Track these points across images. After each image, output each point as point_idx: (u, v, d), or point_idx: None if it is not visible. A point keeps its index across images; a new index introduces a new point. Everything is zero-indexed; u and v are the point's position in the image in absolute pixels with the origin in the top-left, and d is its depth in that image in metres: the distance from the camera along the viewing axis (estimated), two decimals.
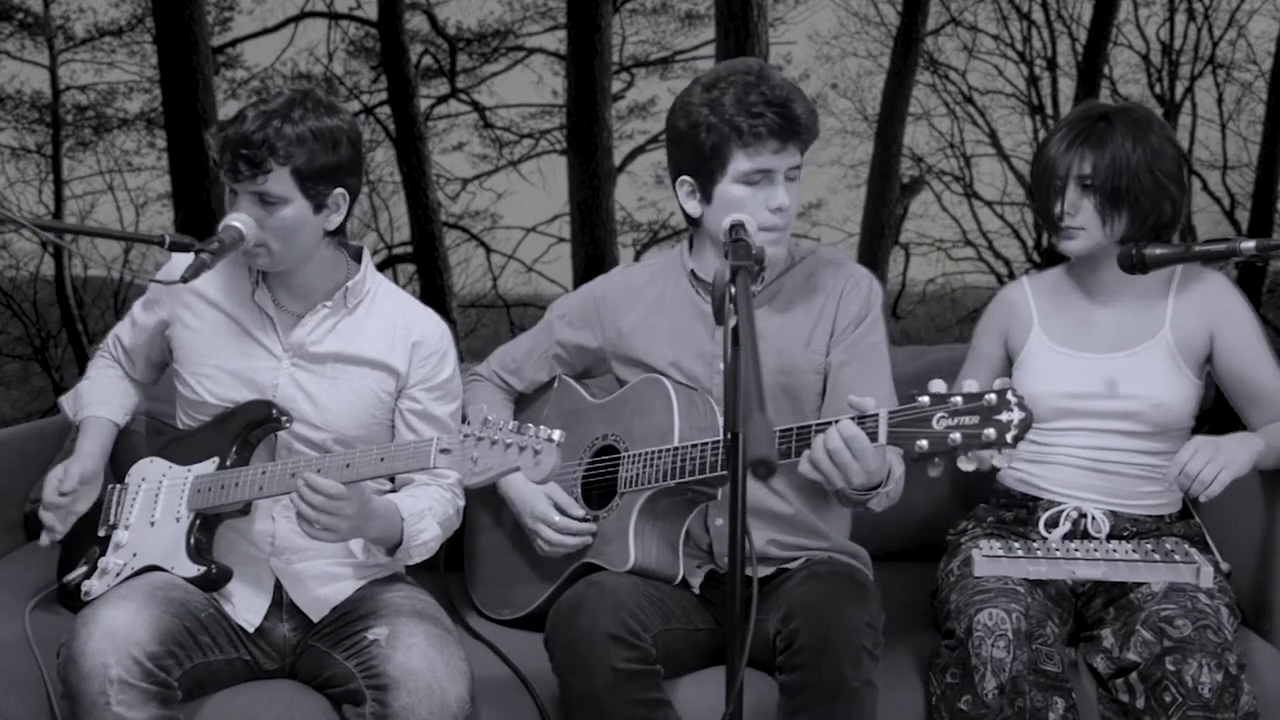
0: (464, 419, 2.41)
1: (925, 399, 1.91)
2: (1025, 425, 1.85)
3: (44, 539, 2.31)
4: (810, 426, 2.04)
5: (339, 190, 2.22)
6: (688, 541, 2.31)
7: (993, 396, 1.87)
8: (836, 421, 1.98)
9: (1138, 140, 2.35)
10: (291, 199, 2.17)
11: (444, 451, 2.02)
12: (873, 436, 1.95)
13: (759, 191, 2.22)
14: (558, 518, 2.35)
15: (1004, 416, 1.86)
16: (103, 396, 2.42)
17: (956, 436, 1.87)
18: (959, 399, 1.89)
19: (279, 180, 2.14)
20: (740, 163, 2.21)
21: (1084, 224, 2.38)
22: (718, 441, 2.17)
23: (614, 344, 2.45)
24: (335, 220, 2.24)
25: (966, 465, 1.87)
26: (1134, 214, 2.36)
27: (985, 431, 1.86)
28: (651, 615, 2.15)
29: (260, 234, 2.17)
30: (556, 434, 1.95)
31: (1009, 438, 1.85)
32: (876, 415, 1.95)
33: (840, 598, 2.11)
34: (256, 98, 2.19)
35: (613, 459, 2.35)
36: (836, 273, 2.36)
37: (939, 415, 1.89)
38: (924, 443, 1.89)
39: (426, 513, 2.24)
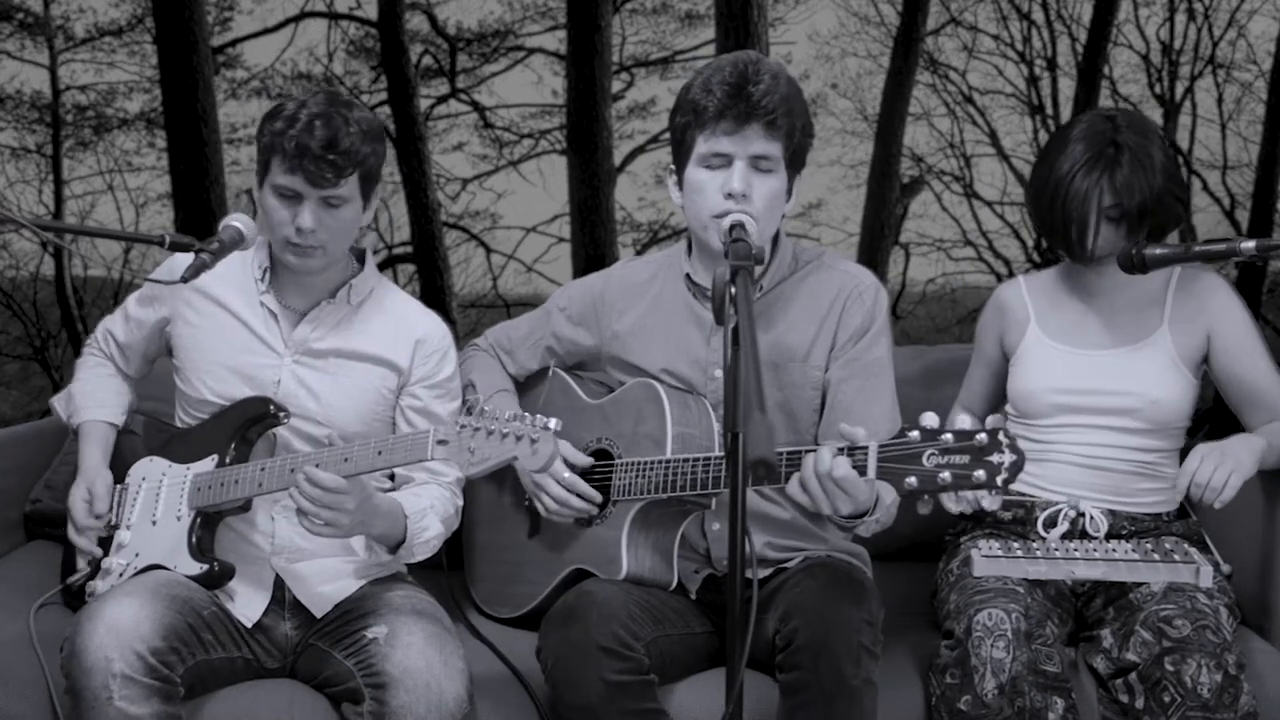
0: (465, 390, 2.42)
1: (915, 434, 1.87)
2: (1016, 468, 1.81)
3: (83, 563, 2.30)
4: (800, 452, 2.00)
5: (378, 186, 2.26)
6: (684, 546, 2.30)
7: (984, 436, 1.83)
8: (831, 451, 1.94)
9: (1149, 158, 2.33)
10: (353, 199, 2.21)
11: (441, 443, 2.02)
12: (861, 470, 1.91)
13: (717, 175, 2.16)
14: (566, 474, 2.30)
15: (995, 458, 1.82)
16: (99, 398, 2.41)
17: (946, 476, 1.83)
18: (950, 436, 1.85)
19: (350, 184, 2.18)
20: (700, 145, 2.17)
21: (1110, 249, 2.36)
22: (709, 457, 2.15)
23: (609, 345, 2.43)
24: (369, 215, 2.28)
25: (955, 506, 1.85)
26: (1154, 227, 2.36)
27: (975, 473, 1.82)
28: (644, 623, 2.14)
29: (321, 236, 2.19)
30: (553, 422, 1.94)
31: (999, 480, 1.81)
32: (866, 448, 1.91)
33: (838, 596, 2.09)
34: (295, 101, 2.18)
35: (606, 464, 2.34)
36: (840, 281, 2.29)
37: (929, 452, 1.85)
38: (913, 480, 1.86)
39: (429, 510, 2.25)
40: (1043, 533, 2.40)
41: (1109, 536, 2.39)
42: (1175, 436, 2.46)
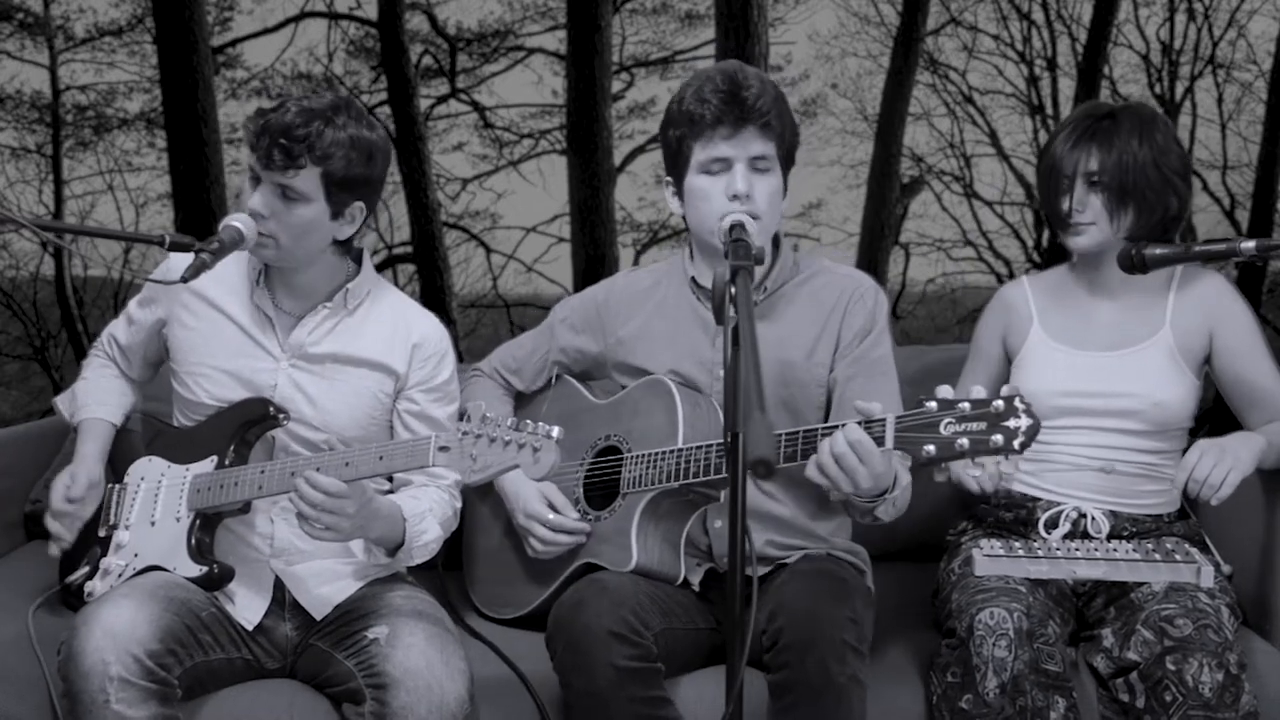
0: (462, 416, 2.41)
1: (933, 404, 1.91)
2: (1033, 432, 1.84)
3: (53, 549, 2.31)
4: (816, 430, 2.03)
5: (358, 203, 2.22)
6: (686, 542, 2.31)
7: (1000, 403, 1.86)
8: (843, 425, 1.98)
9: (1144, 137, 2.36)
10: (313, 199, 2.17)
11: (443, 449, 2.02)
12: (879, 441, 1.95)
13: (719, 180, 2.22)
14: (552, 516, 2.35)
15: (1012, 423, 1.85)
16: (100, 397, 2.41)
17: (964, 442, 1.86)
18: (966, 405, 1.88)
19: (308, 179, 2.15)
20: (698, 153, 2.23)
21: (1093, 219, 2.39)
22: (722, 443, 2.17)
23: (614, 351, 2.45)
24: (347, 231, 2.24)
25: (973, 471, 1.87)
26: (1141, 210, 2.37)
27: (993, 438, 1.85)
28: (653, 614, 2.15)
29: (272, 226, 2.17)
30: (555, 430, 1.95)
31: (1016, 444, 1.85)
32: (884, 420, 1.95)
33: (822, 595, 2.10)
34: (301, 94, 2.18)
35: (615, 460, 2.35)
36: (841, 283, 2.35)
37: (946, 421, 1.89)
38: (931, 448, 1.89)
39: (428, 513, 2.24)
40: (1044, 534, 2.41)
41: (1110, 537, 2.39)
42: (1177, 438, 2.46)
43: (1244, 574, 2.44)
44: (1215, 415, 2.86)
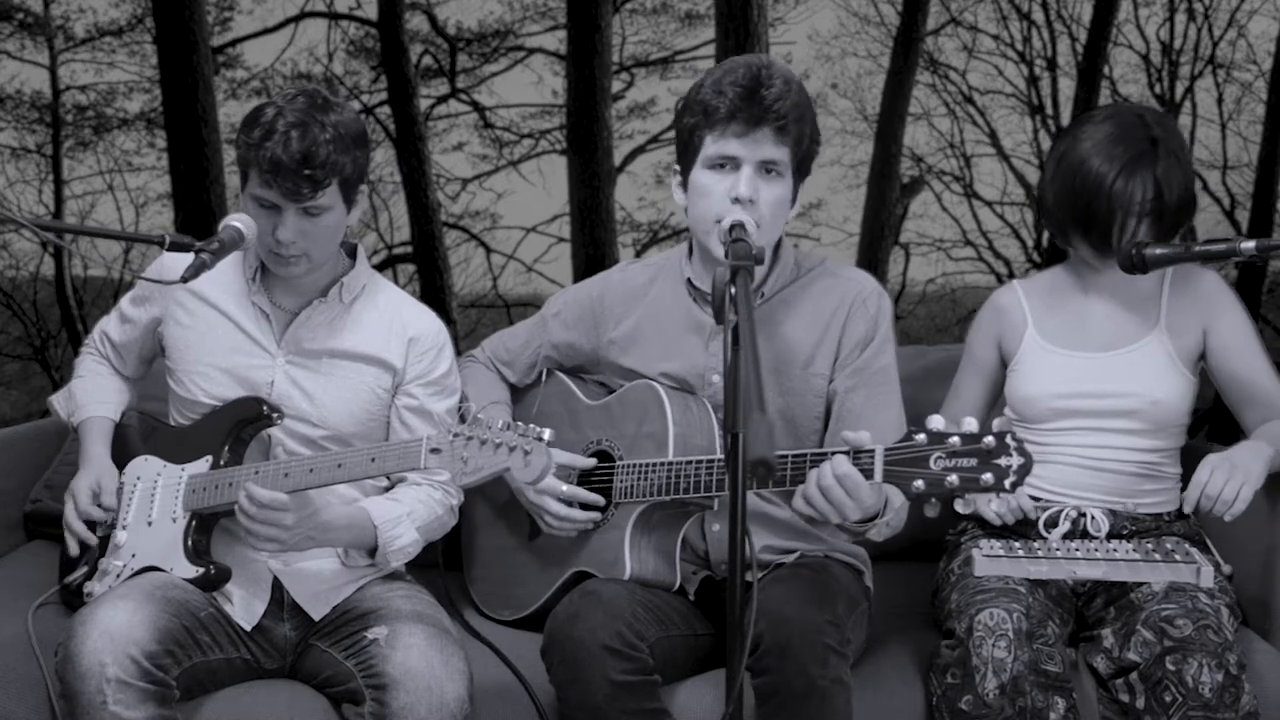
0: (461, 401, 2.41)
1: (922, 436, 1.87)
2: (1024, 471, 1.81)
3: (73, 546, 2.31)
4: (805, 456, 2.00)
5: (363, 186, 2.24)
6: (683, 547, 2.29)
7: (991, 439, 1.83)
8: (830, 456, 1.95)
9: (1179, 155, 2.35)
10: (334, 206, 2.19)
11: (434, 451, 2.01)
12: (868, 474, 1.91)
13: (724, 179, 2.15)
14: (565, 488, 2.29)
15: (1003, 461, 1.82)
16: (99, 396, 2.41)
17: (954, 479, 1.84)
18: (957, 439, 1.85)
19: (330, 192, 2.16)
20: (708, 146, 2.16)
21: (1144, 240, 2.35)
22: (712, 460, 2.15)
23: (606, 350, 2.43)
24: (357, 215, 2.26)
25: (964, 509, 1.85)
26: (1179, 221, 2.36)
27: (983, 476, 1.82)
28: (649, 624, 2.13)
29: (303, 245, 2.17)
30: (547, 433, 1.94)
31: (1007, 483, 1.82)
32: (873, 452, 1.92)
33: (801, 598, 2.08)
34: (273, 107, 2.15)
35: (607, 466, 2.33)
36: (843, 288, 2.28)
37: (936, 455, 1.86)
38: (920, 483, 1.86)
39: (404, 518, 2.23)
40: (1044, 533, 2.40)
41: (1110, 536, 2.39)
42: (1176, 435, 2.46)
43: (1244, 574, 2.44)
44: (1215, 415, 2.86)
